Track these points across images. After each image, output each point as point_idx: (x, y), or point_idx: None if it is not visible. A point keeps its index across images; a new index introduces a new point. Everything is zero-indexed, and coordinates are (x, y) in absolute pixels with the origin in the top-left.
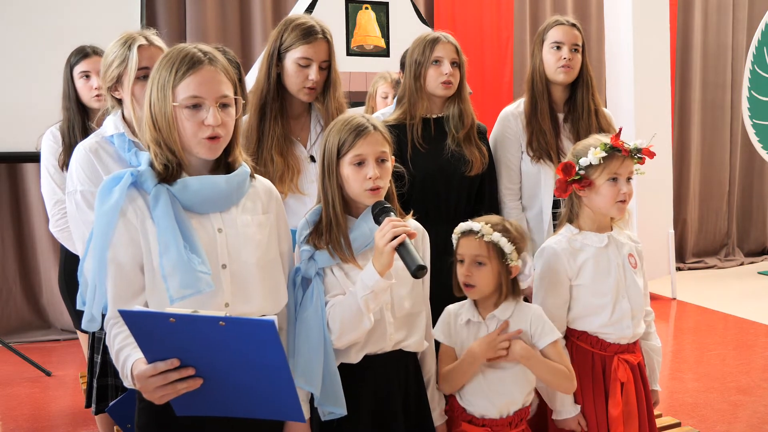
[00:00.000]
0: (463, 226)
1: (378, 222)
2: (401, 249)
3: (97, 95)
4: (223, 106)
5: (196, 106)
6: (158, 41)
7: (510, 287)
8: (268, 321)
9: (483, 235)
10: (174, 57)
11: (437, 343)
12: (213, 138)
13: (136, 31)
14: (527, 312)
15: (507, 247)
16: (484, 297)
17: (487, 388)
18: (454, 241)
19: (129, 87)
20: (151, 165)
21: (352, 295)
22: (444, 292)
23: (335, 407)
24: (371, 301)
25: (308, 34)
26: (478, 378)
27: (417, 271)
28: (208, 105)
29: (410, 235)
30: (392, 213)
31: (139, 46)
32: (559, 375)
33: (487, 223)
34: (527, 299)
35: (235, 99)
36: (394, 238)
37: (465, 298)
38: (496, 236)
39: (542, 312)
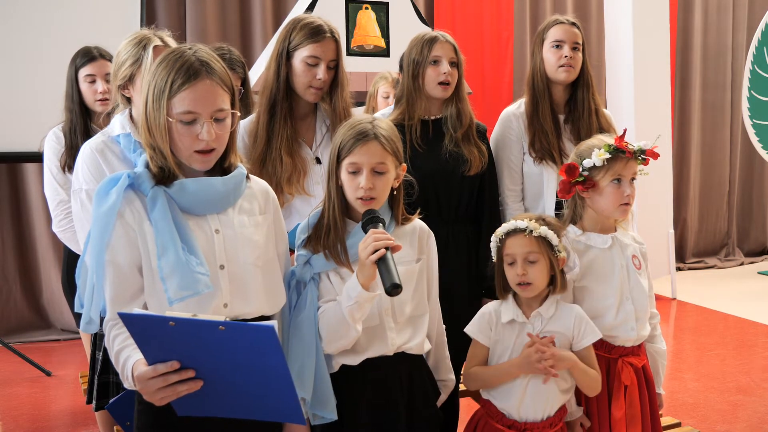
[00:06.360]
0: (506, 226)
1: (366, 232)
2: (380, 264)
3: (101, 99)
4: (218, 120)
5: (191, 121)
6: (173, 42)
7: (564, 280)
8: (268, 327)
9: (531, 231)
10: (171, 64)
11: (466, 341)
12: (206, 151)
13: (151, 31)
14: (568, 313)
15: (554, 239)
16: (538, 294)
17: (530, 391)
18: (496, 244)
19: (141, 86)
20: (148, 167)
21: (338, 305)
22: (444, 291)
23: (325, 412)
24: (356, 312)
25: (316, 33)
26: (521, 382)
27: (391, 290)
28: (202, 120)
29: (394, 248)
30: (380, 224)
31: (155, 47)
32: (593, 379)
33: (530, 219)
34: None
35: (232, 113)
36: (376, 251)
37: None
38: (544, 230)
39: (583, 312)
